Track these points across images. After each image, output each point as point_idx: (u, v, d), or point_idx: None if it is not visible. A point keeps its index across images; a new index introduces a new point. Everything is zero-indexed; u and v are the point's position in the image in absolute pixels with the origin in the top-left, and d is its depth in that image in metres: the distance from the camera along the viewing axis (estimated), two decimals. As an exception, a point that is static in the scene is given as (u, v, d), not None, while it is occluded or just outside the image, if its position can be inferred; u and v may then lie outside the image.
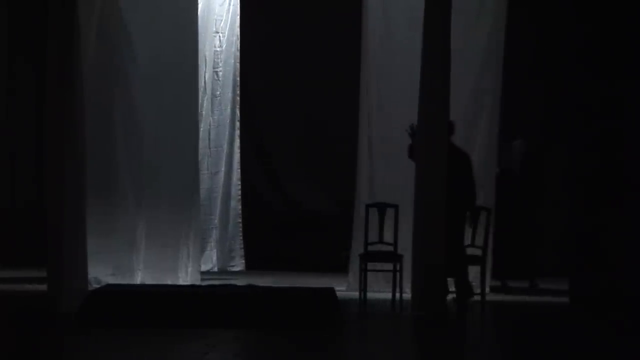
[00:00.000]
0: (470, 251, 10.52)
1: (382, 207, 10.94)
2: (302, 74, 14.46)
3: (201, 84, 13.33)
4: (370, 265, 10.98)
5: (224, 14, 14.07)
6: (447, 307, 9.64)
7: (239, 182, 14.23)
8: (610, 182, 10.13)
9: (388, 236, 10.83)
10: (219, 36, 14.04)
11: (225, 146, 14.15)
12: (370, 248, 10.88)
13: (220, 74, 14.06)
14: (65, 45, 9.55)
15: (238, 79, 14.18)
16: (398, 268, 10.62)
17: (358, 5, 11.96)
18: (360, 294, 10.75)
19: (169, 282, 11.27)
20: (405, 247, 10.46)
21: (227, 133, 14.16)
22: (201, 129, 13.20)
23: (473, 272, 11.13)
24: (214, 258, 14.00)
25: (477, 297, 10.48)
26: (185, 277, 11.55)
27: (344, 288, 11.46)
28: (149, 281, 11.23)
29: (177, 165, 11.61)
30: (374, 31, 11.69)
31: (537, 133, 14.01)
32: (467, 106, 11.42)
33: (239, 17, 14.11)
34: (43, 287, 9.71)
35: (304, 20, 14.49)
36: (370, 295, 10.91)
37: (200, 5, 12.35)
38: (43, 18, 9.90)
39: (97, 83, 10.95)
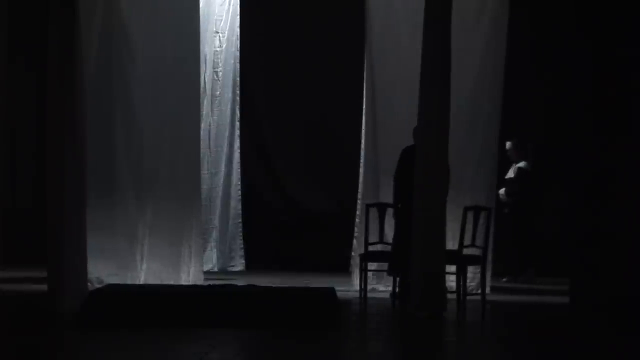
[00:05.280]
0: (470, 251, 10.51)
1: (382, 207, 10.94)
2: (302, 74, 14.47)
3: (201, 84, 13.33)
4: (370, 265, 11.00)
5: (224, 14, 14.07)
6: (447, 307, 9.63)
7: (239, 182, 14.24)
8: (611, 182, 10.12)
9: (388, 236, 10.84)
10: (219, 36, 14.04)
11: (225, 146, 14.15)
12: (370, 248, 10.88)
13: (220, 74, 14.06)
14: (65, 45, 9.54)
15: (238, 79, 14.19)
16: (398, 268, 10.61)
17: (359, 6, 11.97)
18: (360, 294, 10.76)
19: (172, 282, 11.27)
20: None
21: (227, 133, 14.16)
22: (201, 129, 13.19)
23: (473, 272, 11.16)
24: (214, 258, 14.01)
25: (476, 297, 10.49)
26: (187, 277, 11.55)
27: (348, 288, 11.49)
28: (151, 281, 11.23)
29: (177, 165, 11.61)
30: (376, 32, 11.68)
31: (538, 133, 14.02)
32: (467, 106, 11.42)
33: (239, 17, 14.12)
34: (43, 287, 9.71)
35: (304, 20, 14.50)
36: (370, 295, 10.93)
37: (200, 6, 12.34)
38: (43, 18, 9.90)
39: (97, 83, 10.96)
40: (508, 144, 13.05)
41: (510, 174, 13.31)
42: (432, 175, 9.67)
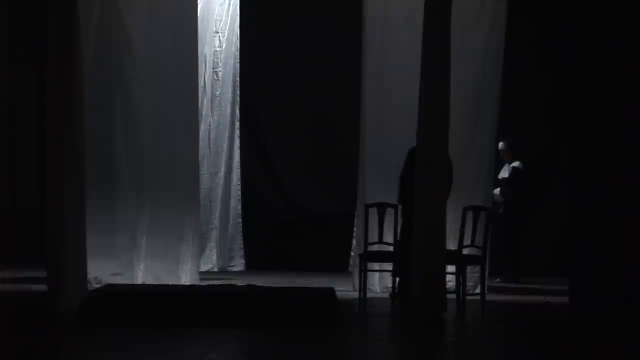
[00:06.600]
0: (469, 251, 10.51)
1: (382, 207, 10.94)
2: (302, 74, 14.47)
3: (201, 84, 13.35)
4: (370, 265, 11.00)
5: (224, 14, 14.09)
6: (447, 307, 9.62)
7: (239, 182, 14.25)
8: (611, 181, 10.12)
9: (388, 236, 10.84)
10: (219, 36, 14.05)
11: (225, 146, 14.17)
12: (370, 248, 10.88)
13: (220, 74, 14.08)
14: (64, 45, 9.55)
15: (238, 79, 14.20)
16: (398, 268, 10.61)
17: (358, 5, 11.97)
18: (360, 294, 10.76)
19: (171, 282, 11.28)
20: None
21: (227, 133, 14.18)
22: (201, 129, 13.21)
23: (470, 272, 11.15)
24: (214, 258, 14.02)
25: (475, 297, 10.49)
26: (186, 277, 11.56)
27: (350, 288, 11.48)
28: (150, 281, 11.24)
29: (177, 165, 11.62)
30: (374, 31, 11.69)
31: (537, 133, 14.02)
32: (467, 106, 11.42)
33: (238, 17, 14.13)
34: (43, 287, 9.71)
35: (303, 20, 14.51)
36: (370, 295, 10.92)
37: (200, 6, 12.36)
38: (43, 18, 9.90)
39: (97, 83, 10.97)
40: (501, 144, 13.03)
41: (504, 173, 13.30)
42: (432, 176, 9.66)
